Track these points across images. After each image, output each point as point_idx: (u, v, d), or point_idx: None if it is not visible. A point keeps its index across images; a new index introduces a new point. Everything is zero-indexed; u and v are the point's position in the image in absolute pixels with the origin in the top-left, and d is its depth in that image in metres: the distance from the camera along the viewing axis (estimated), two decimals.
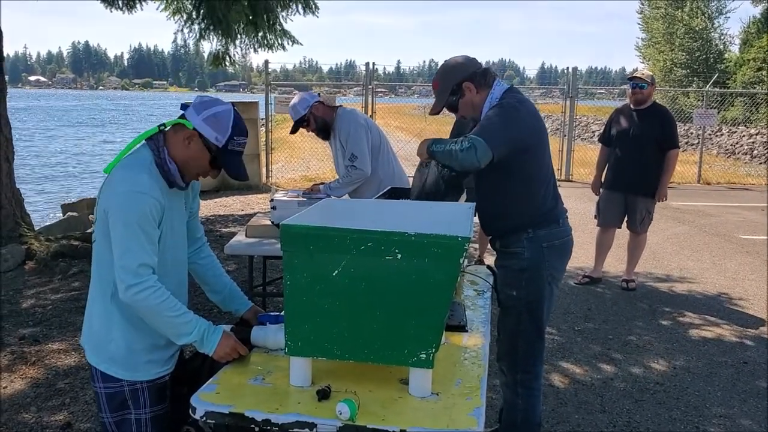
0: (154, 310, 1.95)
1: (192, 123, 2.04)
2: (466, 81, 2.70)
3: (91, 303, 2.12)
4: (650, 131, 5.65)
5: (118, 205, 1.95)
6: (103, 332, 2.08)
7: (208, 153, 2.07)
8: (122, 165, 2.03)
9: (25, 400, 3.67)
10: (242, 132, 2.12)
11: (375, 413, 1.70)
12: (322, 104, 4.46)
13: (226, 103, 2.12)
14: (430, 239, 1.69)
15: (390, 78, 39.15)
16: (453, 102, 2.75)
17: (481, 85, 2.71)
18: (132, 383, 2.09)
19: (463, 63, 2.76)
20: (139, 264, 1.93)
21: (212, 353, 2.03)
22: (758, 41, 23.15)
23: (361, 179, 4.36)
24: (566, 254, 2.85)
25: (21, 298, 5.40)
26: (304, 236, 1.75)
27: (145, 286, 1.93)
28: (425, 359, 1.77)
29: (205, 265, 2.38)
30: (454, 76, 2.74)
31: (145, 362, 2.10)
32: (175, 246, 2.15)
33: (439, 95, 2.77)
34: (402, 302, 1.75)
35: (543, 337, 2.83)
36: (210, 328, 2.05)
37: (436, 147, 2.61)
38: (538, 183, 2.73)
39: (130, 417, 2.12)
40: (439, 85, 2.78)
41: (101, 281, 2.07)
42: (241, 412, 1.71)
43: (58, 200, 12.32)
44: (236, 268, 6.28)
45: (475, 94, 2.71)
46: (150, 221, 1.96)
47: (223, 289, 2.39)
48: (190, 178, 2.13)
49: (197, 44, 9.16)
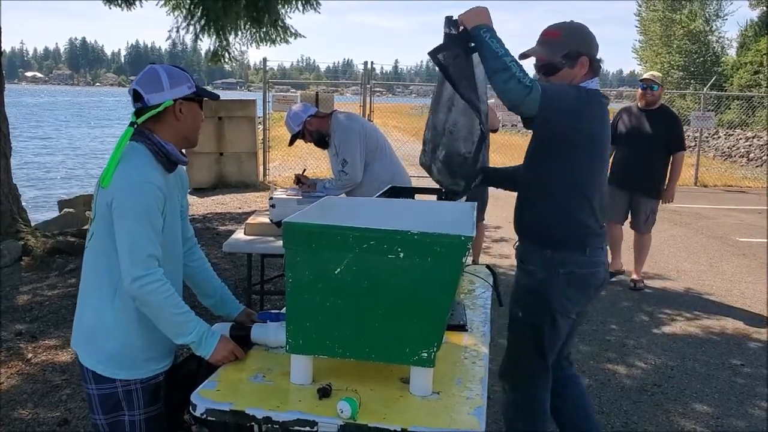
0: (159, 304, 1.93)
1: (166, 99, 2.04)
2: (586, 56, 2.39)
3: (85, 300, 2.08)
4: (659, 132, 5.70)
5: (125, 197, 1.92)
6: (100, 329, 2.04)
7: (195, 103, 2.11)
8: (121, 161, 2.02)
9: (22, 397, 3.65)
10: (182, 68, 2.16)
11: (376, 412, 1.70)
12: (315, 117, 4.47)
13: (152, 66, 2.11)
14: (432, 238, 1.69)
15: (388, 77, 39.17)
16: (558, 64, 2.39)
17: (592, 69, 2.42)
18: (126, 383, 2.05)
19: (593, 38, 2.45)
20: (147, 255, 1.91)
21: (209, 356, 2.01)
22: (755, 44, 23.22)
23: (350, 185, 4.40)
24: (588, 288, 2.52)
25: (17, 294, 5.38)
26: (307, 234, 1.75)
27: (153, 278, 1.91)
28: (426, 358, 1.77)
29: (196, 268, 2.34)
30: (581, 42, 2.41)
31: (144, 360, 2.07)
32: (174, 240, 2.13)
33: (551, 48, 2.40)
34: (404, 301, 1.74)
35: (547, 365, 2.61)
36: (209, 331, 2.03)
37: (490, 39, 2.23)
38: (579, 197, 2.42)
39: (123, 419, 2.08)
40: (560, 37, 2.40)
41: (99, 276, 2.03)
42: (241, 409, 1.70)
43: (55, 196, 12.28)
44: (234, 266, 6.27)
45: (583, 73, 2.40)
46: (156, 212, 1.95)
47: (215, 292, 2.35)
48: (192, 143, 2.14)
49: (195, 41, 9.14)
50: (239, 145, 11.18)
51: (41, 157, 20.59)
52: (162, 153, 2.02)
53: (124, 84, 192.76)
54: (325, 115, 4.56)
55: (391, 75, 38.97)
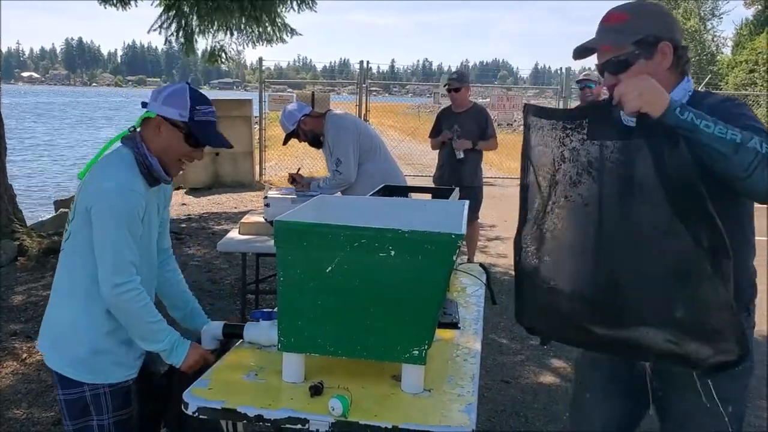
0: (135, 312, 1.94)
1: (154, 111, 2.05)
2: (668, 42, 1.76)
3: (58, 302, 2.07)
4: None
5: (105, 202, 1.93)
6: (69, 331, 2.03)
7: (179, 132, 2.05)
8: (104, 163, 2.03)
9: (16, 396, 3.66)
10: (203, 101, 2.09)
11: (367, 409, 1.70)
12: (309, 116, 4.48)
13: (179, 83, 2.12)
14: (423, 236, 1.70)
15: (384, 77, 39.13)
16: (630, 56, 1.76)
17: (678, 64, 1.79)
18: (94, 387, 2.04)
19: (674, 20, 1.86)
20: (126, 262, 1.92)
21: (180, 364, 2.03)
22: (750, 43, 23.30)
23: (344, 185, 4.41)
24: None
25: (13, 294, 5.38)
26: (298, 232, 1.76)
27: (131, 286, 1.92)
28: (418, 356, 1.77)
29: (169, 279, 2.34)
30: (658, 24, 1.78)
31: (112, 364, 2.06)
32: (149, 249, 2.12)
33: (617, 36, 1.78)
34: (395, 299, 1.75)
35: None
36: (180, 340, 2.05)
37: (703, 125, 1.50)
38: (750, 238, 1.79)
39: (92, 423, 2.06)
40: (628, 20, 1.77)
41: (73, 278, 2.02)
42: (233, 407, 1.70)
43: (50, 197, 12.26)
44: (230, 266, 6.28)
45: (666, 65, 1.76)
46: (136, 219, 1.96)
47: (185, 305, 2.35)
48: (174, 168, 2.10)
49: (192, 40, 9.12)
50: (235, 144, 11.10)
51: (38, 156, 20.55)
52: (145, 165, 2.03)
53: (120, 84, 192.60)
54: (320, 114, 4.57)
55: (388, 74, 38.93)
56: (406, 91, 42.06)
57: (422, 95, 27.59)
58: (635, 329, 1.58)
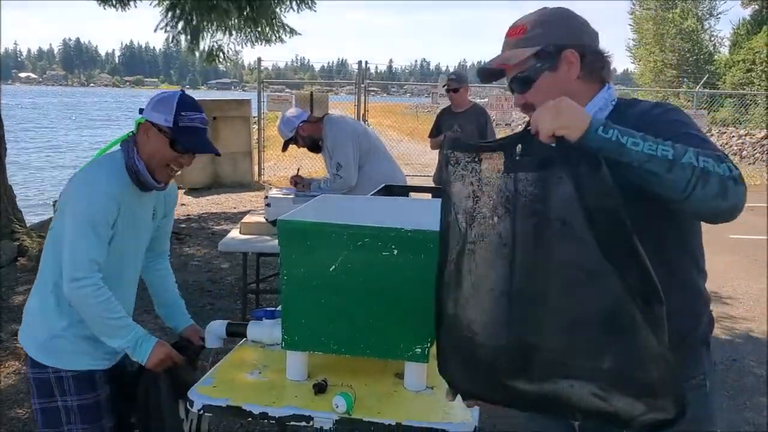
0: (92, 308, 1.99)
1: (145, 116, 2.10)
2: (572, 49, 1.57)
3: (34, 288, 2.16)
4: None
5: (72, 201, 2.01)
6: (35, 317, 2.13)
7: (165, 138, 2.07)
8: (92, 165, 2.11)
9: (18, 396, 3.67)
10: (190, 107, 2.10)
11: (371, 407, 1.72)
12: (307, 122, 4.49)
13: (181, 91, 2.16)
14: (425, 235, 1.72)
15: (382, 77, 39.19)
16: (532, 70, 1.59)
17: (591, 72, 1.60)
18: (56, 371, 2.10)
19: (581, 23, 1.64)
20: (85, 259, 1.97)
21: (145, 361, 2.06)
22: (747, 43, 23.34)
23: (344, 188, 4.41)
24: None
25: (13, 295, 5.38)
26: (302, 232, 1.78)
27: (88, 282, 1.96)
28: (420, 353, 1.79)
29: (160, 276, 2.43)
30: (560, 30, 1.61)
31: (71, 353, 2.10)
32: (125, 253, 2.15)
33: (518, 48, 1.61)
34: (397, 297, 1.77)
35: None
36: (145, 337, 2.08)
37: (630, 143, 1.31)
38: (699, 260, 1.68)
39: (57, 404, 2.12)
40: (528, 31, 1.60)
41: (45, 269, 2.11)
42: (238, 405, 1.73)
43: (50, 197, 12.26)
44: (230, 266, 6.29)
45: (574, 75, 1.58)
46: (102, 222, 2.00)
47: (172, 304, 2.43)
48: (161, 173, 2.12)
49: (198, 38, 9.12)
50: (234, 144, 11.18)
51: (37, 157, 20.54)
52: (133, 170, 2.06)
53: (118, 84, 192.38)
54: (317, 119, 4.57)
55: (386, 74, 39.06)
56: (405, 91, 42.06)
57: (420, 95, 27.60)
58: (557, 381, 1.40)
